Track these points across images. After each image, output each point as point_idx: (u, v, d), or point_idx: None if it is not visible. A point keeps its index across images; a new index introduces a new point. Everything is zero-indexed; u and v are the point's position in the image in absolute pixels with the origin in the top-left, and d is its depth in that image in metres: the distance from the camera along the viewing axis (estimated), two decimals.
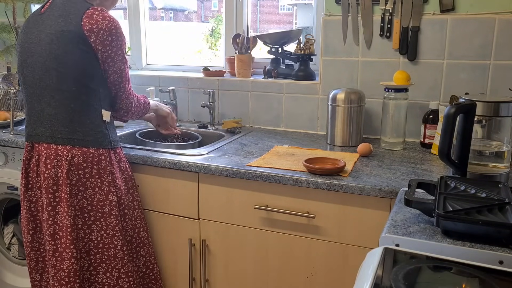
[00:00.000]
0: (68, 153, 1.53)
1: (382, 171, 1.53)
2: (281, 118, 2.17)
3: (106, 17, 1.50)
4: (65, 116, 1.53)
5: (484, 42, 1.77)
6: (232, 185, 1.60)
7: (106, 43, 1.50)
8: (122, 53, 1.56)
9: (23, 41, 1.59)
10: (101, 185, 1.57)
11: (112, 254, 1.60)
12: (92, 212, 1.58)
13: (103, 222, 1.59)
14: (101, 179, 1.57)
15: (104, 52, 1.51)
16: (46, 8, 1.57)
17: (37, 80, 1.54)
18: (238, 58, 2.22)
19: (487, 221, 0.94)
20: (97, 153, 1.56)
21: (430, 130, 1.81)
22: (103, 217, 1.58)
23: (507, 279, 0.81)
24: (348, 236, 1.47)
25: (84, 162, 1.54)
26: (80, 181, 1.55)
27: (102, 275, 1.62)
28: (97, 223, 1.59)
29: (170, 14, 3.07)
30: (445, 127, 1.23)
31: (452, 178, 1.18)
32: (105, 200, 1.58)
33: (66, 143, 1.53)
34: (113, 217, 1.58)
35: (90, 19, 1.48)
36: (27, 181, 1.64)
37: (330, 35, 1.99)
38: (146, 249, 1.71)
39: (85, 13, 1.49)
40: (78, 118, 1.53)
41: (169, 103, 2.22)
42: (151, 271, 1.74)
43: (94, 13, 1.49)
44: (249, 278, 1.66)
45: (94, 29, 1.48)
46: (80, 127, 1.54)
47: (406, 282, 0.78)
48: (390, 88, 1.77)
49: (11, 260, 2.20)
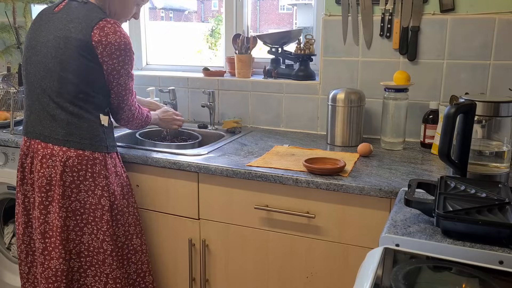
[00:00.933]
0: (63, 155, 1.53)
1: (382, 171, 1.53)
2: (281, 118, 2.17)
3: (117, 31, 1.50)
4: (63, 118, 1.53)
5: (484, 42, 1.77)
6: (232, 185, 1.60)
7: (114, 56, 1.50)
8: (129, 68, 1.56)
9: (32, 37, 1.59)
10: (94, 189, 1.56)
11: (101, 259, 1.59)
12: (84, 215, 1.58)
13: (94, 226, 1.58)
14: (94, 183, 1.56)
15: (110, 64, 1.51)
16: (61, 8, 1.57)
17: (39, 79, 1.55)
18: (238, 58, 2.22)
19: (487, 221, 0.94)
20: (92, 156, 1.55)
21: (430, 130, 1.81)
22: (94, 221, 1.58)
23: (507, 279, 0.81)
24: (348, 236, 1.47)
25: (79, 164, 1.54)
26: (74, 183, 1.55)
27: (91, 278, 1.62)
28: (89, 226, 1.58)
29: (170, 14, 3.07)
30: (445, 127, 1.23)
31: (452, 178, 1.18)
32: (97, 204, 1.57)
33: (62, 144, 1.53)
34: (104, 221, 1.58)
35: (101, 31, 1.48)
36: (22, 175, 1.65)
37: (330, 35, 1.99)
38: (138, 257, 1.69)
39: (97, 24, 1.49)
40: (76, 121, 1.54)
41: (169, 103, 2.22)
42: (142, 279, 1.71)
43: (106, 26, 1.49)
44: (249, 278, 1.66)
45: (103, 41, 1.48)
46: (77, 130, 1.54)
47: (406, 282, 0.78)
48: (390, 88, 1.77)
49: (11, 260, 2.20)
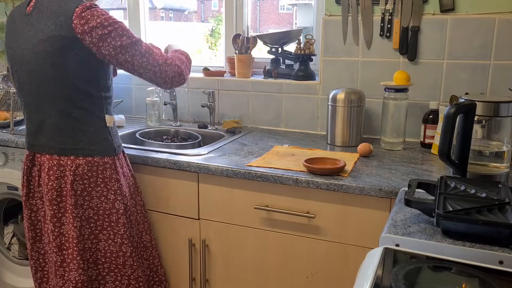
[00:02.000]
0: (72, 163, 1.48)
1: (382, 171, 1.53)
2: (281, 118, 2.17)
3: (94, 13, 1.39)
4: (67, 126, 1.47)
5: (484, 42, 1.77)
6: (232, 185, 1.60)
7: (105, 37, 1.39)
8: (127, 38, 1.42)
9: (14, 46, 1.50)
10: (107, 194, 1.53)
11: (121, 262, 1.58)
12: (99, 221, 1.54)
13: (111, 231, 1.55)
14: (106, 188, 1.53)
15: (107, 45, 1.40)
16: (32, 7, 1.47)
17: (34, 89, 1.47)
18: (238, 58, 2.22)
19: (487, 221, 0.94)
20: (102, 161, 1.51)
21: (430, 130, 1.81)
22: (110, 226, 1.55)
23: (507, 279, 0.81)
24: (348, 236, 1.47)
25: (89, 171, 1.50)
26: (85, 191, 1.51)
27: (111, 284, 1.60)
28: (104, 232, 1.55)
29: (170, 14, 3.07)
30: (445, 127, 1.23)
31: (452, 178, 1.18)
32: (111, 209, 1.54)
33: (70, 153, 1.48)
34: (120, 225, 1.55)
35: (80, 19, 1.38)
36: (28, 190, 1.60)
37: (330, 35, 1.99)
38: (149, 252, 1.70)
39: (74, 13, 1.38)
40: (82, 127, 1.48)
41: (169, 103, 2.22)
42: (155, 273, 1.73)
43: (83, 12, 1.38)
44: (249, 278, 1.66)
45: (86, 30, 1.38)
46: (84, 137, 1.48)
47: (406, 282, 0.78)
48: (390, 88, 1.77)
49: (11, 260, 2.20)
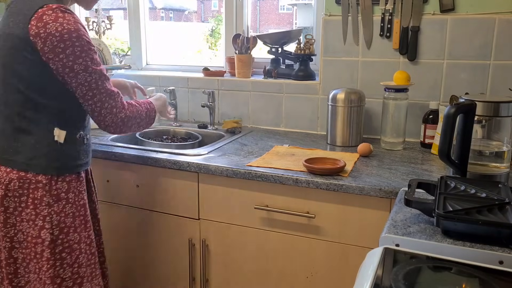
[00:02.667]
0: (6, 176, 1.29)
1: (382, 171, 1.53)
2: (281, 118, 2.17)
3: (58, 18, 1.20)
4: (10, 133, 1.30)
5: (484, 42, 1.77)
6: (232, 185, 1.60)
7: (58, 50, 1.20)
8: (86, 62, 1.24)
9: None
10: (35, 219, 1.29)
11: None
12: (27, 249, 1.32)
13: (36, 264, 1.32)
14: (35, 211, 1.29)
15: (58, 61, 1.21)
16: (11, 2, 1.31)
17: None
18: (238, 58, 2.22)
19: (487, 221, 0.94)
20: (35, 179, 1.29)
21: (430, 130, 1.81)
22: (35, 257, 1.32)
23: (507, 279, 0.81)
24: (348, 236, 1.47)
25: (20, 188, 1.29)
26: (16, 210, 1.30)
27: None
28: (31, 264, 1.32)
29: (170, 14, 3.07)
30: (445, 127, 1.23)
31: (452, 178, 1.18)
32: (37, 238, 1.30)
33: (6, 163, 1.30)
34: (44, 259, 1.30)
35: (38, 21, 1.19)
36: None
37: (330, 35, 1.99)
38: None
39: (35, 13, 1.20)
40: (22, 138, 1.29)
41: (169, 103, 2.22)
42: None
43: (45, 13, 1.19)
44: (249, 278, 1.66)
45: (41, 34, 1.19)
46: (22, 148, 1.29)
47: (406, 282, 0.78)
48: (390, 88, 1.77)
49: None
